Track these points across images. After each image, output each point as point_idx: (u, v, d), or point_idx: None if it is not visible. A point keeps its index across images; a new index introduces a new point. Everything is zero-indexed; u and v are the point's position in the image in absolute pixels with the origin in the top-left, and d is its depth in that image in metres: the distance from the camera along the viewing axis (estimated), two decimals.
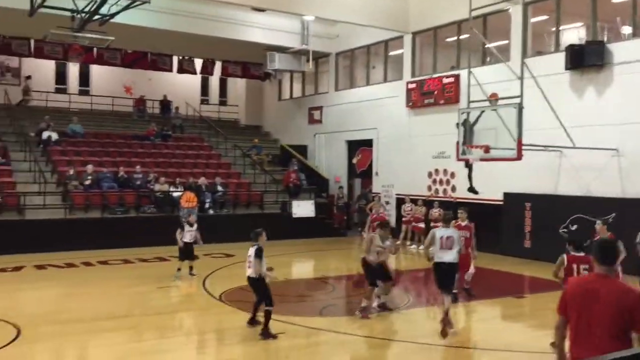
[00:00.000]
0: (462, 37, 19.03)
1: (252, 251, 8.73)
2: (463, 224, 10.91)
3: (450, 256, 8.96)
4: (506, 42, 17.73)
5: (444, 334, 8.63)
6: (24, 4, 16.27)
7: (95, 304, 10.94)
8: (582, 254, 7.64)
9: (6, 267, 14.15)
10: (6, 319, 9.36)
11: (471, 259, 10.96)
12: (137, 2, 14.40)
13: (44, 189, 17.83)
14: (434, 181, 19.96)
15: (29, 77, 25.36)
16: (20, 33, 21.34)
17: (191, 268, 13.32)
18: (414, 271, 15.60)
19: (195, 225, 13.35)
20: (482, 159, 13.77)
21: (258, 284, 8.78)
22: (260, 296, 8.84)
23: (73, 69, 26.85)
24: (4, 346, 8.06)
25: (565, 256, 7.70)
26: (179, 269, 13.11)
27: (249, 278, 8.82)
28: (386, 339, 9.10)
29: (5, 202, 16.84)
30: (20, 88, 25.07)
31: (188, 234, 13.16)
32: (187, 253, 13.17)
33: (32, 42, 21.82)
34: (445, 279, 9.11)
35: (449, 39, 20.06)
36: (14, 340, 8.36)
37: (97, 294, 11.68)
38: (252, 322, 9.07)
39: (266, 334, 8.58)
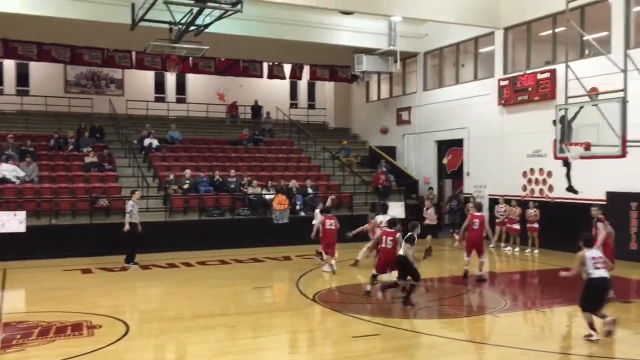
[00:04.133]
0: (557, 30, 18.30)
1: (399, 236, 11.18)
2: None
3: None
4: (606, 33, 16.81)
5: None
6: (126, 18, 17.29)
7: (194, 302, 11.45)
8: None
9: (114, 267, 15.11)
10: (116, 315, 10.04)
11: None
12: (230, 12, 14.89)
13: (147, 193, 18.85)
14: (529, 181, 19.27)
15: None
16: (122, 46, 22.74)
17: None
18: (509, 274, 15.12)
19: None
20: (582, 157, 13.08)
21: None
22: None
23: (170, 79, 28.20)
24: (116, 341, 8.65)
25: None
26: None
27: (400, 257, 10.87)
28: (485, 343, 8.89)
29: (112, 206, 17.96)
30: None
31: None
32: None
33: (133, 54, 23.18)
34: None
35: (542, 33, 19.31)
36: (123, 335, 8.95)
37: (195, 293, 12.20)
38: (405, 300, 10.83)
39: (407, 302, 10.69)
